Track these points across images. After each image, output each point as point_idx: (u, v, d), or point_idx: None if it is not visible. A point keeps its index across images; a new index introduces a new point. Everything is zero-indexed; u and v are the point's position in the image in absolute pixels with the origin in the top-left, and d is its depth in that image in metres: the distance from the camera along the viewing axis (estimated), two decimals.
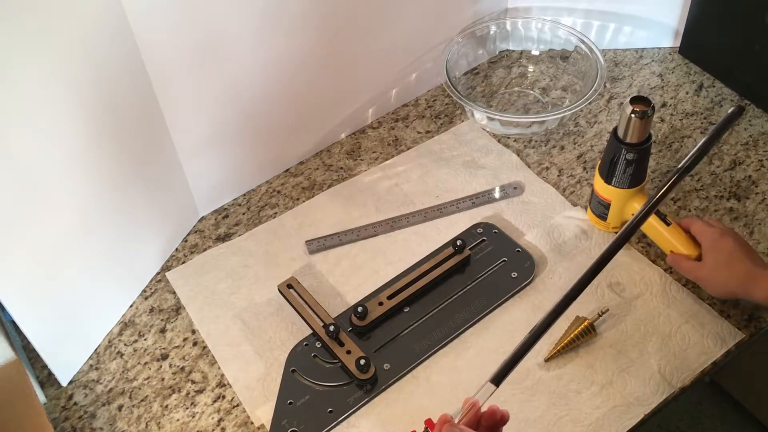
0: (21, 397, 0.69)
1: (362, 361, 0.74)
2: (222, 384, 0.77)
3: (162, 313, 0.84)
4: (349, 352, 0.76)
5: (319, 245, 0.88)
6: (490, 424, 0.61)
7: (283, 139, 0.94)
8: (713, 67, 1.03)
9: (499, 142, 0.98)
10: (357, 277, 0.85)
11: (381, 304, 0.80)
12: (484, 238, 0.86)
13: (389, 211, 0.91)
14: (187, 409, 0.76)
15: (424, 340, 0.78)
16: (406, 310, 0.81)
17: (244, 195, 0.95)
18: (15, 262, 0.68)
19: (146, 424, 0.75)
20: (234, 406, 0.76)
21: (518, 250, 0.85)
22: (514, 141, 0.98)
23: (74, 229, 0.73)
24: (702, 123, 0.98)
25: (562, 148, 0.97)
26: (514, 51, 1.09)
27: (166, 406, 0.76)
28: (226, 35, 0.78)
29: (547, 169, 0.94)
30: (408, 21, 0.95)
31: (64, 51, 0.64)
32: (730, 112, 0.72)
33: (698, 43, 1.03)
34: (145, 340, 0.82)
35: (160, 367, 0.79)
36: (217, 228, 0.91)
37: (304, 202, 0.93)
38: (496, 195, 0.91)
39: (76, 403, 0.77)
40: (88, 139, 0.71)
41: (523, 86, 1.05)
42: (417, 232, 0.89)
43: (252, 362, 0.78)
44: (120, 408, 0.77)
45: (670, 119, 0.99)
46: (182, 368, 0.79)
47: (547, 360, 0.76)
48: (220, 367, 0.79)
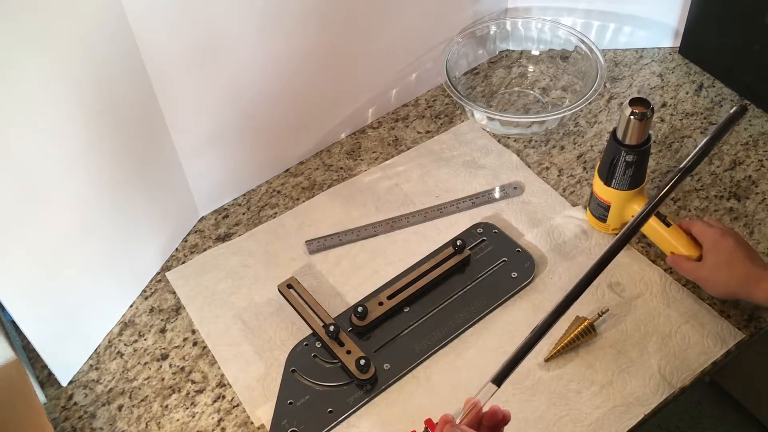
0: (21, 397, 0.69)
1: (362, 361, 0.74)
2: (222, 384, 0.77)
3: (162, 313, 0.84)
4: (349, 352, 0.76)
5: (319, 245, 0.88)
6: (491, 424, 0.60)
7: (283, 139, 0.94)
8: (713, 67, 1.03)
9: (499, 142, 0.98)
10: (357, 277, 0.85)
11: (381, 304, 0.80)
12: (484, 238, 0.86)
13: (389, 211, 0.91)
14: (187, 409, 0.76)
15: (424, 340, 0.78)
16: (406, 310, 0.81)
17: (244, 195, 0.95)
18: (15, 262, 0.68)
19: (146, 424, 0.75)
20: (234, 406, 0.76)
21: (518, 250, 0.85)
22: (514, 141, 0.98)
23: (74, 229, 0.73)
24: (702, 123, 0.98)
25: (562, 148, 0.97)
26: (514, 51, 1.09)
27: (166, 406, 0.76)
28: (226, 35, 0.78)
29: (547, 169, 0.94)
30: (408, 21, 0.95)
31: (64, 51, 0.64)
32: (732, 112, 0.71)
33: (698, 43, 1.03)
34: (145, 340, 0.82)
35: (160, 367, 0.79)
36: (217, 228, 0.91)
37: (304, 202, 0.93)
38: (496, 195, 0.91)
39: (76, 403, 0.77)
40: (88, 139, 0.71)
41: (523, 86, 1.05)
42: (417, 232, 0.89)
43: (252, 362, 0.78)
44: (120, 408, 0.77)
45: (670, 119, 0.99)
46: (182, 368, 0.79)
47: (547, 360, 0.76)
48: (220, 367, 0.79)
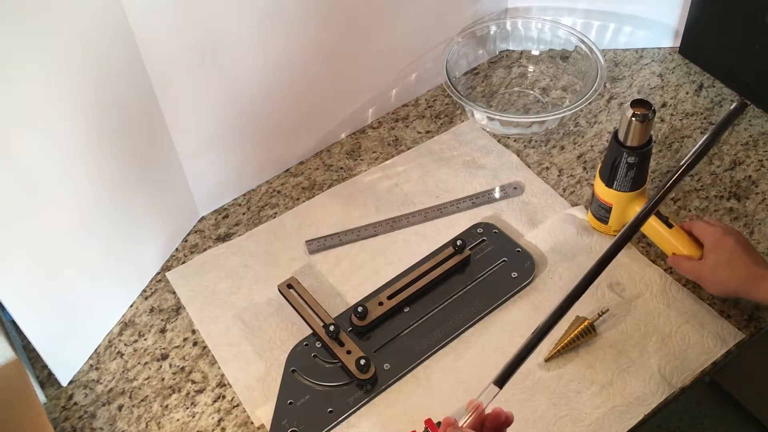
0: (21, 397, 0.69)
1: (362, 361, 0.74)
2: (222, 384, 0.77)
3: (162, 313, 0.84)
4: (349, 352, 0.76)
5: (319, 245, 0.88)
6: (494, 426, 0.60)
7: (283, 139, 0.94)
8: (713, 67, 1.03)
9: (499, 142, 0.98)
10: (357, 277, 0.85)
11: (381, 304, 0.80)
12: (484, 238, 0.86)
13: (389, 211, 0.91)
14: (187, 409, 0.76)
15: (424, 340, 0.78)
16: (406, 310, 0.81)
17: (244, 195, 0.95)
18: (15, 262, 0.68)
19: (146, 424, 0.75)
20: (234, 406, 0.76)
21: (518, 250, 0.85)
22: (514, 141, 0.98)
23: (74, 229, 0.73)
24: (702, 123, 0.98)
25: (562, 148, 0.97)
26: (514, 51, 1.09)
27: (166, 406, 0.76)
28: (226, 35, 0.78)
29: (547, 169, 0.94)
30: (408, 21, 0.95)
31: (64, 51, 0.64)
32: (732, 108, 0.72)
33: (698, 43, 1.03)
34: (145, 340, 0.82)
35: (160, 367, 0.79)
36: (217, 228, 0.91)
37: (304, 202, 0.93)
38: (496, 195, 0.91)
39: (76, 403, 0.77)
40: (88, 139, 0.71)
41: (523, 86, 1.05)
42: (417, 232, 0.89)
43: (252, 362, 0.78)
44: (120, 408, 0.77)
45: (670, 119, 0.99)
46: (182, 368, 0.79)
47: (547, 360, 0.76)
48: (220, 367, 0.79)
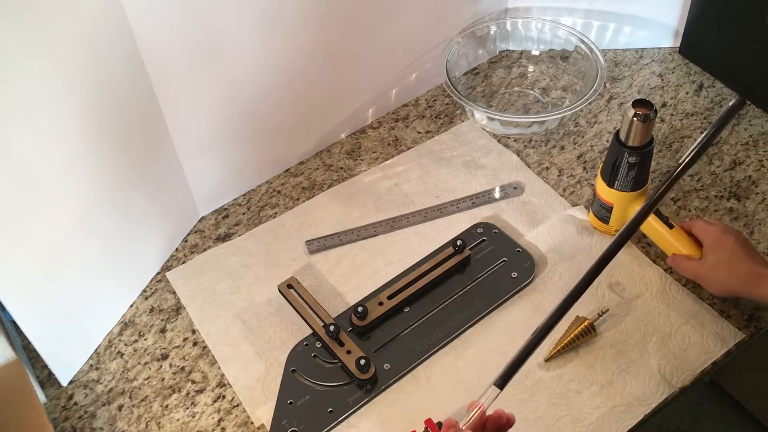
0: (21, 397, 0.69)
1: (362, 361, 0.74)
2: (222, 384, 0.77)
3: (162, 313, 0.84)
4: (349, 352, 0.76)
5: (319, 245, 0.88)
6: (495, 427, 0.60)
7: (284, 139, 0.94)
8: (713, 67, 1.03)
9: (499, 142, 0.98)
10: (357, 277, 0.85)
11: (381, 304, 0.80)
12: (484, 238, 0.86)
13: (389, 211, 0.91)
14: (187, 409, 0.76)
15: (424, 340, 0.78)
16: (406, 310, 0.81)
17: (244, 195, 0.95)
18: (15, 262, 0.68)
19: (146, 424, 0.75)
20: (234, 406, 0.76)
21: (518, 250, 0.85)
22: (514, 141, 0.98)
23: (74, 229, 0.73)
24: (702, 123, 0.98)
25: (562, 148, 0.97)
26: (514, 51, 1.09)
27: (166, 406, 0.76)
28: (226, 35, 0.78)
29: (547, 169, 0.94)
30: (408, 21, 0.95)
31: (64, 51, 0.64)
32: (731, 104, 0.73)
33: (698, 43, 1.03)
34: (145, 340, 0.82)
35: (160, 367, 0.79)
36: (217, 228, 0.91)
37: (304, 202, 0.93)
38: (496, 195, 0.91)
39: (76, 403, 0.77)
40: (88, 139, 0.71)
41: (523, 86, 1.05)
42: (417, 232, 0.89)
43: (252, 362, 0.78)
44: (120, 408, 0.77)
45: (670, 119, 0.99)
46: (182, 368, 0.79)
47: (547, 360, 0.76)
48: (220, 367, 0.79)
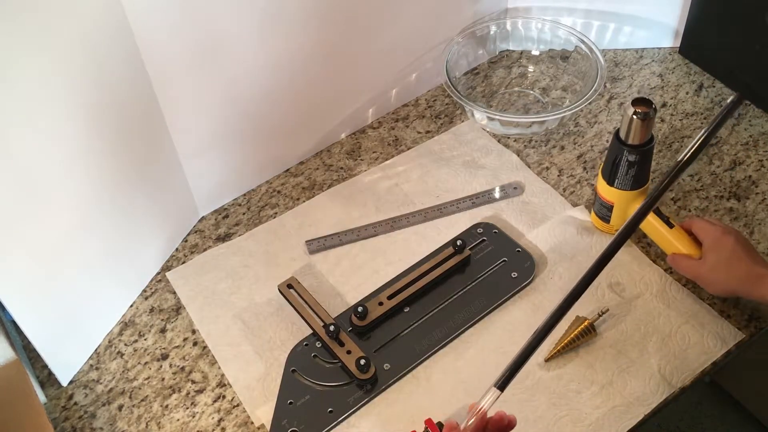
0: (21, 397, 0.69)
1: (362, 361, 0.74)
2: (222, 384, 0.77)
3: (162, 313, 0.84)
4: (349, 352, 0.76)
5: (319, 245, 0.88)
6: (496, 429, 0.60)
7: (284, 139, 0.94)
8: (713, 67, 1.03)
9: (499, 142, 0.98)
10: (357, 277, 0.85)
11: (381, 304, 0.80)
12: (484, 238, 0.86)
13: (389, 211, 0.91)
14: (187, 409, 0.76)
15: (424, 340, 0.78)
16: (406, 310, 0.81)
17: (244, 195, 0.95)
18: (15, 262, 0.68)
19: (146, 424, 0.75)
20: (234, 406, 0.76)
21: (518, 250, 0.85)
22: (514, 141, 0.98)
23: (74, 229, 0.73)
24: (702, 123, 0.98)
25: (562, 148, 0.97)
26: (514, 51, 1.09)
27: (166, 406, 0.76)
28: (226, 35, 0.78)
29: (547, 169, 0.94)
30: (408, 21, 0.95)
31: (64, 51, 0.64)
32: (729, 101, 0.74)
33: (698, 43, 1.03)
34: (146, 340, 0.82)
35: (160, 367, 0.79)
36: (217, 228, 0.91)
37: (304, 202, 0.93)
38: (496, 195, 0.91)
39: (76, 403, 0.77)
40: (88, 139, 0.71)
41: (523, 86, 1.05)
42: (417, 232, 0.89)
43: (252, 362, 0.78)
44: (120, 408, 0.77)
45: (670, 119, 0.99)
46: (182, 368, 0.79)
47: (547, 360, 0.76)
48: (220, 367, 0.79)
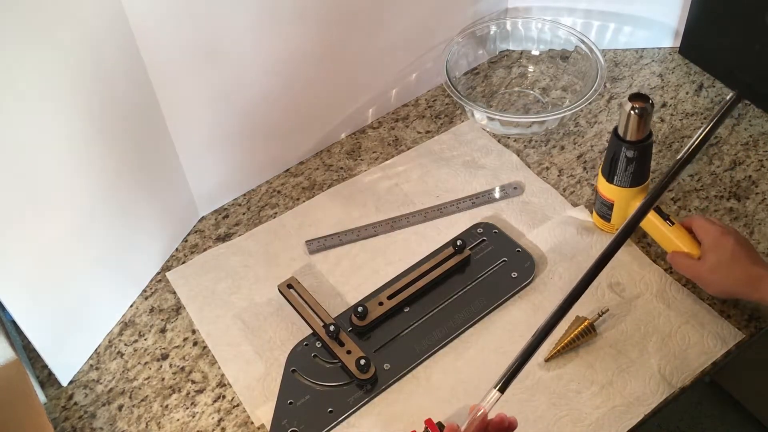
0: (21, 397, 0.69)
1: (362, 361, 0.74)
2: (222, 384, 0.77)
3: (162, 313, 0.84)
4: (349, 352, 0.76)
5: (319, 245, 0.88)
6: (497, 430, 0.60)
7: (284, 139, 0.94)
8: (713, 67, 1.03)
9: (499, 142, 0.98)
10: (357, 277, 0.85)
11: (381, 304, 0.80)
12: (484, 238, 0.86)
13: (389, 211, 0.91)
14: (188, 409, 0.76)
15: (424, 340, 0.78)
16: (406, 310, 0.81)
17: (244, 195, 0.95)
18: (15, 262, 0.68)
19: (146, 424, 0.75)
20: (234, 406, 0.76)
21: (518, 250, 0.85)
22: (514, 141, 0.98)
23: (74, 229, 0.73)
24: (702, 123, 0.98)
25: (562, 148, 0.97)
26: (514, 51, 1.09)
27: (167, 406, 0.76)
28: (226, 35, 0.78)
29: (547, 169, 0.94)
30: (408, 21, 0.95)
31: (64, 52, 0.64)
32: (728, 98, 0.74)
33: (698, 43, 1.03)
34: (146, 340, 0.82)
35: (161, 367, 0.79)
36: (217, 228, 0.91)
37: (304, 202, 0.93)
38: (496, 195, 0.91)
39: (76, 403, 0.77)
40: (89, 139, 0.71)
41: (523, 86, 1.05)
42: (417, 232, 0.89)
43: (252, 362, 0.78)
44: (120, 408, 0.77)
45: (670, 119, 0.99)
46: (182, 368, 0.79)
47: (547, 360, 0.76)
48: (220, 367, 0.79)
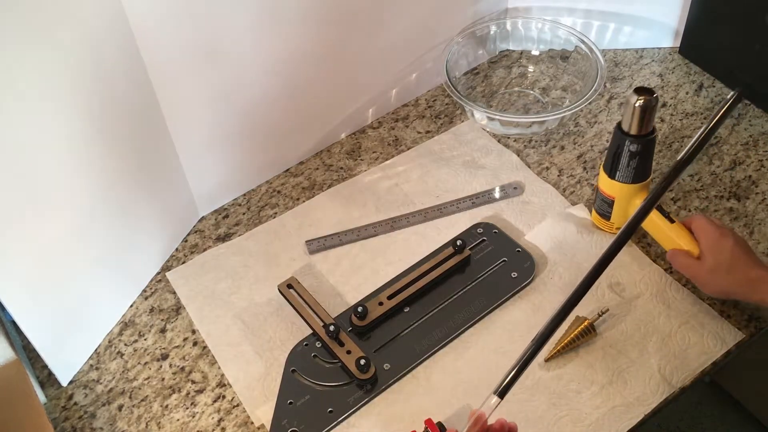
0: (21, 397, 0.69)
1: (362, 361, 0.74)
2: (222, 384, 0.77)
3: (162, 313, 0.84)
4: (349, 352, 0.76)
5: (319, 245, 0.88)
6: None
7: (284, 139, 0.94)
8: (713, 67, 1.03)
9: (499, 142, 0.98)
10: (357, 277, 0.85)
11: (381, 304, 0.80)
12: (484, 238, 0.86)
13: (389, 211, 0.91)
14: (187, 409, 0.76)
15: (424, 340, 0.78)
16: (406, 310, 0.81)
17: (244, 195, 0.95)
18: (15, 262, 0.68)
19: (146, 424, 0.75)
20: (234, 406, 0.76)
21: (518, 250, 0.85)
22: (514, 141, 0.98)
23: (74, 229, 0.73)
24: (702, 123, 0.98)
25: (562, 148, 0.97)
26: (514, 51, 1.09)
27: (166, 406, 0.76)
28: (227, 35, 0.78)
29: (547, 169, 0.94)
30: (408, 21, 0.95)
31: (64, 52, 0.64)
32: (729, 97, 0.74)
33: (698, 43, 1.03)
34: (145, 340, 0.82)
35: (160, 367, 0.79)
36: (217, 228, 0.91)
37: (304, 202, 0.93)
38: (496, 195, 0.91)
39: (76, 403, 0.77)
40: (89, 139, 0.71)
41: (523, 86, 1.05)
42: (417, 232, 0.89)
43: (252, 362, 0.78)
44: (120, 408, 0.77)
45: (670, 119, 0.99)
46: (182, 368, 0.79)
47: (547, 360, 0.76)
48: (220, 367, 0.79)
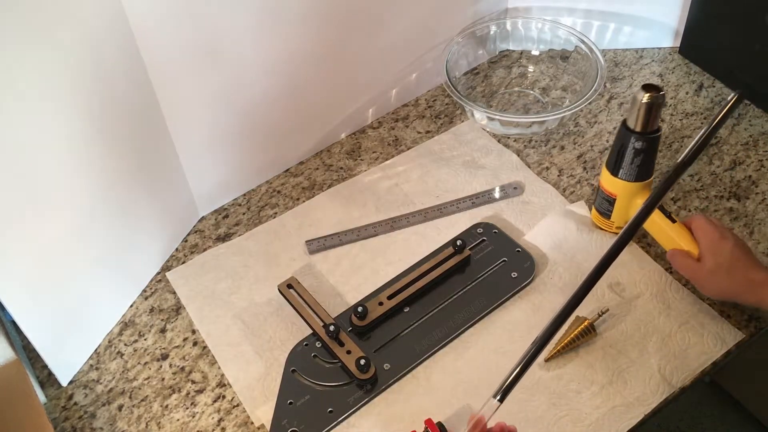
0: (21, 397, 0.69)
1: (362, 361, 0.74)
2: (222, 384, 0.77)
3: (162, 313, 0.84)
4: (349, 352, 0.76)
5: (319, 245, 0.88)
6: None
7: (284, 139, 0.94)
8: (713, 67, 1.03)
9: (499, 142, 0.98)
10: (357, 277, 0.85)
11: (381, 304, 0.80)
12: (484, 238, 0.86)
13: (389, 211, 0.91)
14: (187, 409, 0.76)
15: (424, 340, 0.78)
16: (406, 310, 0.81)
17: (244, 195, 0.95)
18: (15, 262, 0.67)
19: (146, 424, 0.75)
20: (234, 406, 0.76)
21: (518, 250, 0.85)
22: (514, 141, 0.98)
23: (74, 229, 0.73)
24: (702, 123, 0.98)
25: (562, 148, 0.97)
26: (514, 51, 1.09)
27: (166, 406, 0.76)
28: (227, 35, 0.78)
29: (547, 169, 0.94)
30: (408, 21, 0.95)
31: (64, 52, 0.64)
32: (730, 98, 0.74)
33: (698, 43, 1.03)
34: (145, 340, 0.82)
35: (160, 367, 0.79)
36: (217, 228, 0.91)
37: (304, 202, 0.93)
38: (496, 195, 0.91)
39: (76, 403, 0.77)
40: (89, 139, 0.71)
41: (523, 86, 1.05)
42: (417, 232, 0.89)
43: (252, 362, 0.78)
44: (120, 408, 0.77)
45: (670, 119, 0.99)
46: (182, 368, 0.79)
47: (547, 360, 0.76)
48: (220, 367, 0.79)
